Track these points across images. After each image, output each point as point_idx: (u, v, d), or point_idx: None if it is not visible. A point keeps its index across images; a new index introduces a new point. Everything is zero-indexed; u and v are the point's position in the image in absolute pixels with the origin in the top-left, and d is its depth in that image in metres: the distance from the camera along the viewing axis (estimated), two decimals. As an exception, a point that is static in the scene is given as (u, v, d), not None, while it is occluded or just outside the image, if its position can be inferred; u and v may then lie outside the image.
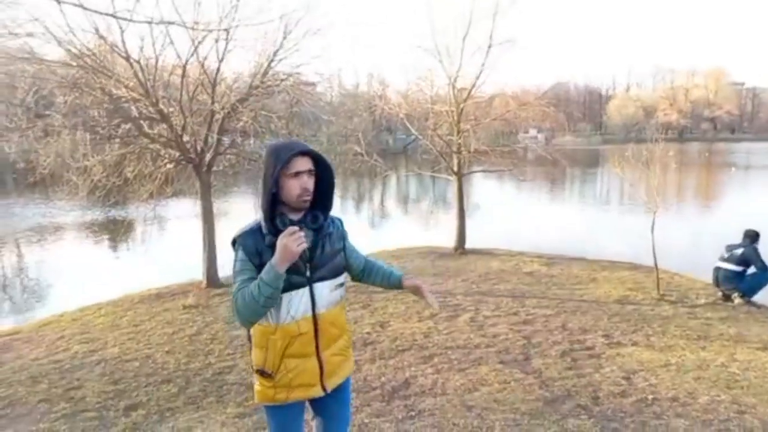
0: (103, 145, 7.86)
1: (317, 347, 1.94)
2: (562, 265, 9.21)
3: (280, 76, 8.20)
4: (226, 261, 8.18)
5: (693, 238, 12.52)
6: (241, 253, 1.84)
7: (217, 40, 7.36)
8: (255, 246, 1.83)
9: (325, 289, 1.93)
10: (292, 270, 1.81)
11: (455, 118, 10.35)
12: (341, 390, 2.09)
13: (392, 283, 2.18)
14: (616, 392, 3.78)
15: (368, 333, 5.23)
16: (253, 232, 1.86)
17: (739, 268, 6.57)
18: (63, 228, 14.42)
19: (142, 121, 7.53)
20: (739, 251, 6.61)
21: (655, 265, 6.98)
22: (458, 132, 10.29)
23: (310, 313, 1.90)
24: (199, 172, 7.69)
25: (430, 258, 9.81)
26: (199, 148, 7.66)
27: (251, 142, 9.18)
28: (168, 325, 5.68)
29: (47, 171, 7.31)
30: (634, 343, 4.90)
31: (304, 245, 1.76)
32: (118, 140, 7.63)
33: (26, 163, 7.65)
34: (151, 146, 7.63)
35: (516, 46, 10.07)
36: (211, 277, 7.55)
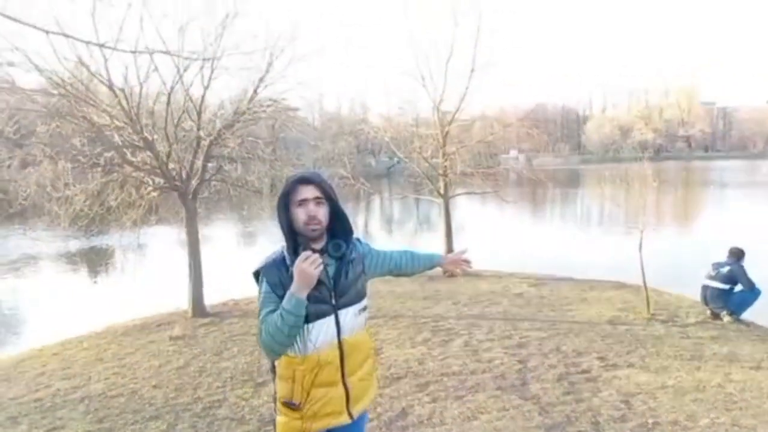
0: (85, 173, 7.73)
1: (343, 374, 1.93)
2: (551, 285, 9.22)
3: (265, 102, 8.21)
4: (213, 289, 8.04)
5: (680, 254, 12.67)
6: (265, 285, 1.84)
7: (202, 68, 7.35)
8: (278, 277, 1.83)
9: (349, 315, 1.93)
10: (318, 299, 1.83)
11: (441, 141, 10.44)
12: (363, 416, 2.08)
13: (434, 263, 2.38)
14: (616, 417, 3.74)
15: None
16: (276, 263, 1.87)
17: (726, 286, 6.64)
18: (43, 258, 14.05)
19: (125, 149, 7.42)
20: (726, 269, 6.68)
21: (644, 284, 7.01)
22: (444, 155, 10.37)
23: (336, 340, 1.89)
24: (185, 200, 7.58)
25: (419, 281, 9.74)
26: (184, 175, 7.56)
27: (237, 168, 9.12)
28: (154, 357, 5.50)
29: (27, 201, 7.13)
30: (630, 365, 4.87)
31: (321, 268, 1.76)
32: (100, 168, 7.50)
33: (5, 194, 7.47)
34: (134, 174, 7.51)
35: (498, 69, 10.27)
36: (197, 307, 7.38)
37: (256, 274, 1.90)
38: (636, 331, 6.05)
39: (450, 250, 10.53)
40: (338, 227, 1.95)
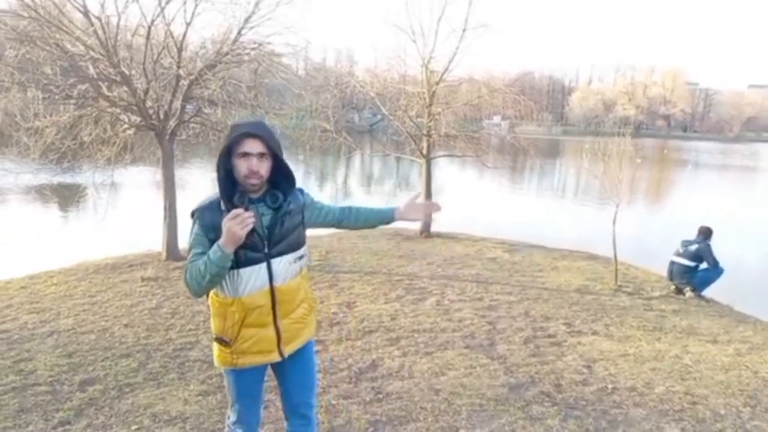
0: (57, 105, 7.39)
1: (275, 317, 2.02)
2: (524, 252, 9.40)
3: (250, 44, 7.88)
4: (187, 233, 7.97)
5: (652, 231, 13.02)
6: (197, 227, 1.90)
7: (185, 2, 6.99)
8: (212, 221, 1.87)
9: (282, 264, 2.00)
10: (250, 246, 1.89)
11: (427, 100, 10.28)
12: (301, 355, 2.17)
13: (385, 217, 2.35)
14: (578, 380, 3.89)
15: (335, 313, 5.18)
16: (212, 206, 1.90)
17: (692, 263, 6.87)
18: (12, 190, 13.60)
19: (101, 83, 7.09)
20: (694, 247, 6.90)
21: (615, 257, 7.20)
22: (429, 114, 10.24)
23: (267, 287, 1.97)
24: (162, 140, 7.35)
25: (395, 240, 9.81)
26: (162, 115, 7.30)
27: (218, 112, 8.84)
28: (126, 297, 5.45)
29: (-6, 129, 6.82)
30: (594, 333, 5.05)
31: (250, 227, 1.79)
32: (73, 101, 7.18)
33: (-30, 120, 7.12)
34: (110, 110, 7.22)
35: (489, 32, 10.02)
36: (171, 250, 7.29)
37: (192, 214, 1.93)
38: (602, 301, 6.25)
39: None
40: (281, 178, 1.98)
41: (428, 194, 10.52)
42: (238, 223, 1.75)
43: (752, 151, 58.27)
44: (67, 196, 12.28)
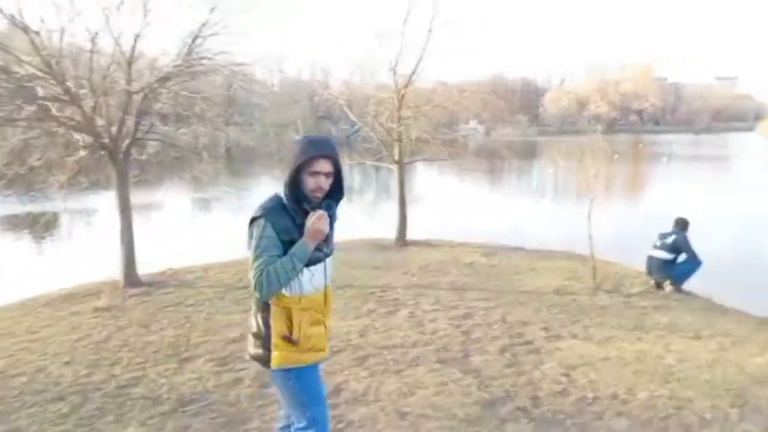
0: (3, 129, 6.98)
1: (324, 314, 2.18)
2: (502, 255, 9.18)
3: (206, 54, 7.56)
4: (149, 258, 7.53)
5: (630, 226, 12.91)
6: (270, 230, 1.97)
7: (133, 13, 6.67)
8: (285, 224, 2.00)
9: (330, 263, 2.19)
10: (316, 247, 2.05)
11: (396, 104, 10.07)
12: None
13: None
14: (557, 391, 3.63)
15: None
16: (280, 210, 2.02)
17: (670, 256, 6.70)
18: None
19: (48, 103, 6.70)
20: (671, 239, 6.74)
21: (592, 254, 7.00)
22: (399, 119, 10.02)
23: (324, 284, 2.15)
24: (115, 160, 6.97)
25: (372, 251, 9.52)
26: (113, 132, 6.93)
27: (178, 128, 8.51)
28: (73, 330, 5.04)
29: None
30: (573, 336, 4.81)
31: (329, 226, 2.04)
32: (23, 123, 6.76)
33: None
34: (56, 129, 6.82)
35: (456, 32, 9.91)
36: (129, 276, 6.89)
37: (255, 219, 2.00)
38: (581, 301, 6.03)
39: (404, 218, 10.32)
40: (335, 188, 2.15)
41: (402, 200, 10.27)
42: (325, 223, 1.99)
43: (722, 141, 59.48)
44: (20, 226, 11.76)
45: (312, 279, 2.07)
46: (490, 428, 3.14)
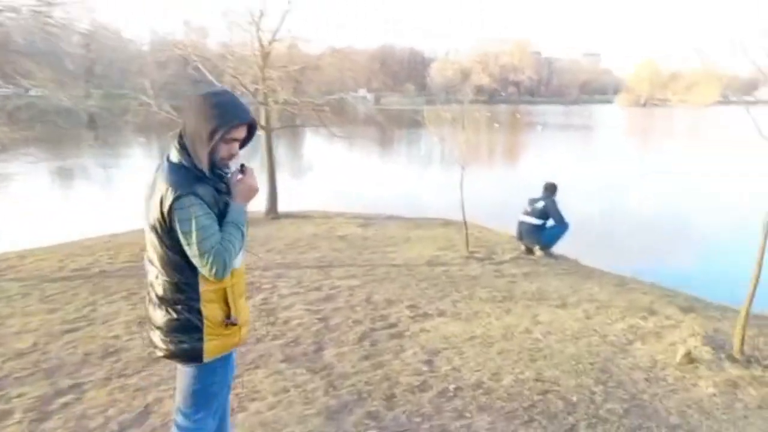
0: None
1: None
2: (378, 225, 8.73)
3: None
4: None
5: (506, 191, 13.17)
6: (202, 206, 1.67)
7: None
8: (212, 195, 1.73)
9: None
10: None
11: (260, 62, 9.03)
12: None
13: None
14: (415, 385, 3.13)
15: (115, 337, 3.88)
16: (200, 181, 1.71)
17: (539, 222, 6.62)
18: None
19: None
20: (540, 204, 6.65)
21: (464, 221, 6.73)
22: (263, 80, 9.01)
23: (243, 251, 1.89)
24: None
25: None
26: None
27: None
28: None
29: None
30: (441, 313, 4.40)
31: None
32: None
33: None
34: None
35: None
36: None
37: (179, 198, 1.64)
38: (453, 272, 5.69)
39: (273, 189, 9.44)
40: None
41: (271, 169, 9.36)
42: (255, 179, 1.82)
43: (588, 112, 65.02)
44: None
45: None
46: (331, 447, 2.55)
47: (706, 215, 11.43)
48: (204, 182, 1.71)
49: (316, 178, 16.67)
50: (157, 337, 1.80)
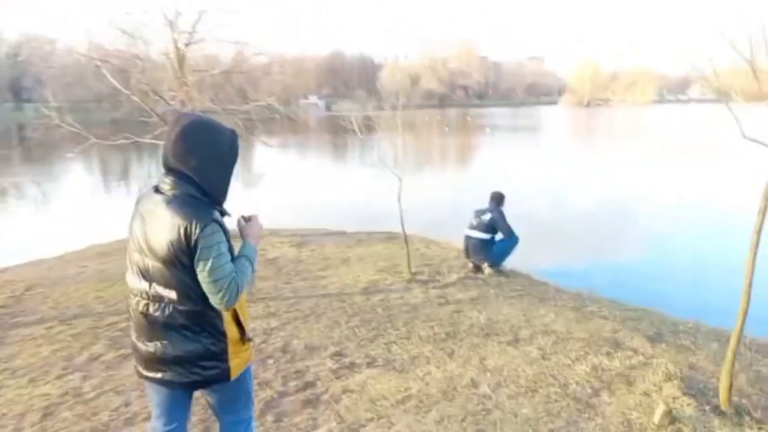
0: None
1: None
2: (316, 243, 7.90)
3: None
4: None
5: (456, 199, 12.58)
6: (222, 235, 1.73)
7: None
8: (226, 228, 1.78)
9: None
10: None
11: (176, 66, 8.03)
12: None
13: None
14: (322, 488, 2.32)
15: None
16: (216, 214, 1.75)
17: (487, 236, 5.96)
18: None
19: None
20: (487, 217, 5.99)
21: (405, 241, 5.98)
22: (181, 85, 8.00)
23: None
24: None
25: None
26: None
27: None
28: None
29: None
30: (371, 362, 3.60)
31: None
32: None
33: None
34: None
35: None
36: None
37: (206, 226, 1.68)
38: (391, 301, 4.92)
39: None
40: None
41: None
42: (260, 222, 1.99)
43: (535, 113, 66.36)
44: None
45: None
46: None
47: (653, 213, 11.26)
48: (218, 214, 1.75)
49: (262, 190, 15.64)
50: (175, 371, 1.78)
